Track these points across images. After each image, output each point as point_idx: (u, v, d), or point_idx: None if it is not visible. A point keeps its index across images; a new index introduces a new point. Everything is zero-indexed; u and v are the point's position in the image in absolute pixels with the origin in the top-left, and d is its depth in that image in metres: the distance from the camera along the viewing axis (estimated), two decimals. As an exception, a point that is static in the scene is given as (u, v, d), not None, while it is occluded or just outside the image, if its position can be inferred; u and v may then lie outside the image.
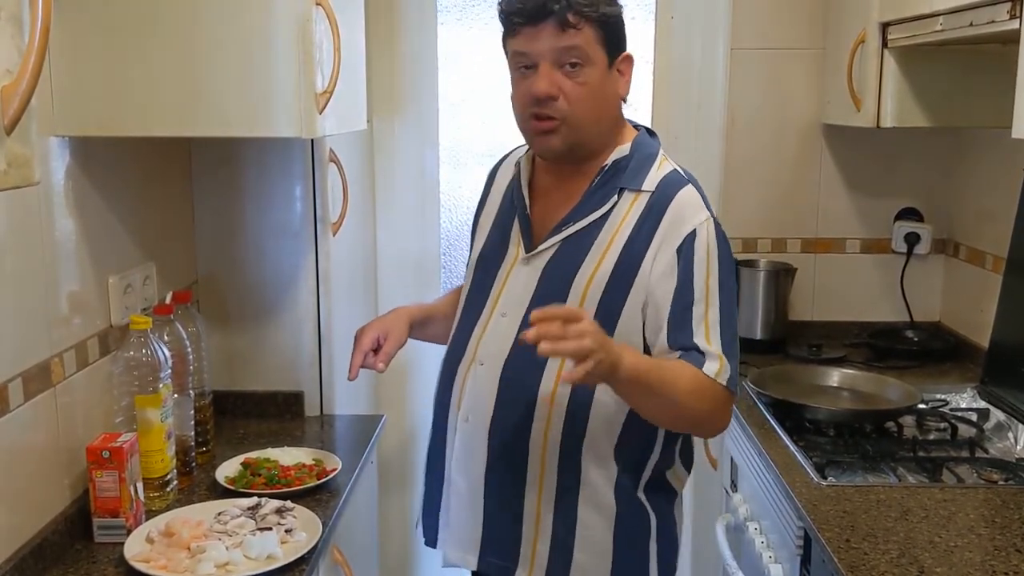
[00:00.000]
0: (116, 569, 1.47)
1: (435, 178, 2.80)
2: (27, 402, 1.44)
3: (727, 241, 1.53)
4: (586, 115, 1.51)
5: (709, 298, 1.47)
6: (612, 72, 1.52)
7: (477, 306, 1.63)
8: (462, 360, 1.61)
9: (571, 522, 1.55)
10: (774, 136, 2.74)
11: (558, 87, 1.48)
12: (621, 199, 1.54)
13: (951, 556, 1.49)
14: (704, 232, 1.49)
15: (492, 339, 1.58)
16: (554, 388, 1.52)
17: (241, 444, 2.00)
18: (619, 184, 1.54)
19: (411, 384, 2.84)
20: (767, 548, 1.93)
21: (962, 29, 1.83)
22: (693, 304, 1.46)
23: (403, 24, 2.69)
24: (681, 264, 1.47)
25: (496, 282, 1.61)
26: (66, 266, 1.59)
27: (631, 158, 1.56)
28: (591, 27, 1.47)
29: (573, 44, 1.47)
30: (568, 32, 1.47)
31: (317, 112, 1.60)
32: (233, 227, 2.14)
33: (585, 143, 1.55)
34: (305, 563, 1.49)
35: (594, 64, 1.49)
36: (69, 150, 1.60)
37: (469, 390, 1.58)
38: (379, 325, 1.71)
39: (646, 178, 1.54)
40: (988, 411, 2.19)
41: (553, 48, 1.48)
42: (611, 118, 1.56)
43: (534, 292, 1.55)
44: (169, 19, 1.54)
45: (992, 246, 2.48)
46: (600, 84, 1.50)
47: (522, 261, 1.58)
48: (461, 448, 1.60)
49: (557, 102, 1.49)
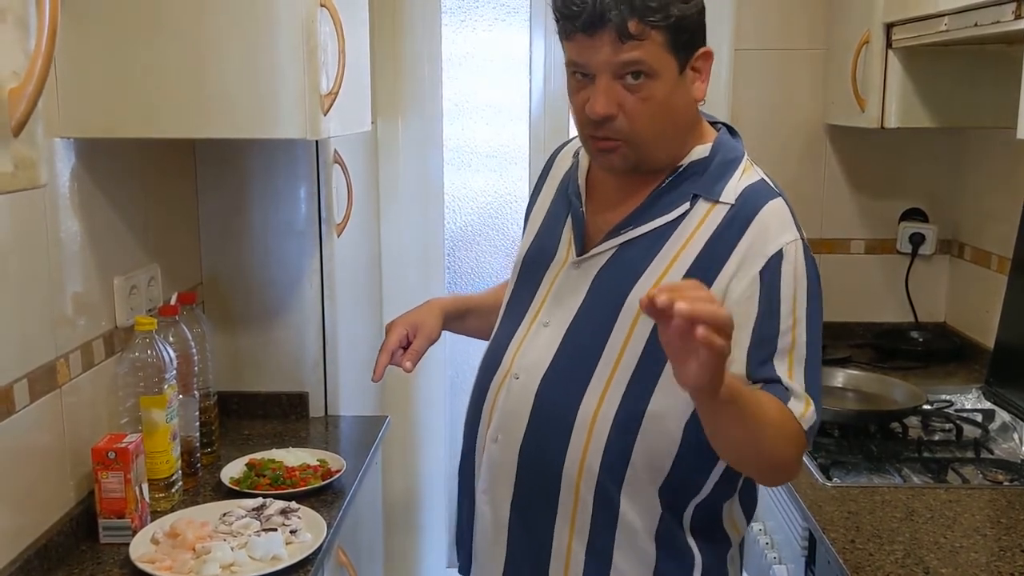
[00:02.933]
0: (121, 570, 1.47)
1: (439, 179, 2.80)
2: (33, 403, 1.45)
3: (816, 266, 1.32)
4: (651, 132, 1.31)
5: (796, 329, 1.27)
6: (685, 76, 1.30)
7: (518, 312, 1.46)
8: (497, 371, 1.43)
9: (605, 566, 1.35)
10: (778, 137, 2.74)
11: (617, 104, 1.28)
12: (694, 207, 1.33)
13: (956, 557, 1.48)
14: (793, 254, 1.28)
15: (531, 350, 1.39)
16: (595, 411, 1.32)
17: (246, 445, 2.00)
18: (693, 190, 1.34)
19: (416, 385, 2.84)
20: (772, 549, 1.93)
21: (967, 29, 1.83)
22: (778, 336, 1.26)
23: (407, 25, 2.69)
24: (764, 290, 1.27)
25: (541, 287, 1.43)
26: (71, 267, 1.59)
27: (710, 161, 1.36)
28: (659, 34, 1.25)
29: (634, 58, 1.25)
30: (629, 44, 1.25)
31: (322, 113, 1.60)
32: (238, 228, 2.14)
33: (651, 160, 1.35)
34: (310, 564, 1.49)
35: (660, 75, 1.27)
36: (75, 152, 1.60)
37: (501, 406, 1.40)
38: (409, 319, 1.59)
39: (726, 187, 1.34)
40: (993, 412, 2.19)
41: (611, 61, 1.26)
42: (683, 129, 1.35)
43: (583, 302, 1.37)
44: (174, 21, 1.54)
45: (997, 246, 2.48)
46: (668, 96, 1.29)
47: (572, 265, 1.39)
48: (488, 469, 1.42)
49: (616, 122, 1.29)
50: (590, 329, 1.35)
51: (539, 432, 1.36)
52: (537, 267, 1.45)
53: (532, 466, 1.37)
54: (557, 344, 1.37)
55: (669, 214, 1.34)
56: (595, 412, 1.32)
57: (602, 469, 1.32)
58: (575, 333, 1.36)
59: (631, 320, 1.31)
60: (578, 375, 1.34)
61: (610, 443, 1.31)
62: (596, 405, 1.32)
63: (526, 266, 1.49)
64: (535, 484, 1.37)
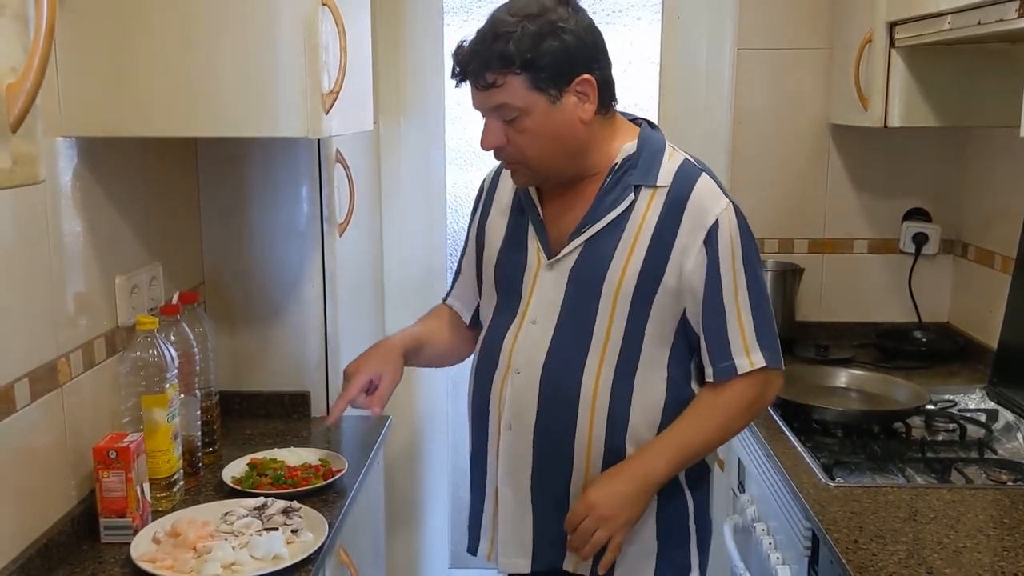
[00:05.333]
0: (122, 569, 1.47)
1: (441, 179, 2.81)
2: (34, 402, 1.45)
3: (746, 221, 1.56)
4: (537, 157, 1.52)
5: (736, 278, 1.52)
6: (562, 104, 1.48)
7: (506, 314, 1.64)
8: (496, 369, 1.62)
9: None
10: (781, 136, 2.73)
11: (503, 136, 1.50)
12: (639, 196, 1.54)
13: (960, 557, 1.48)
14: (726, 220, 1.52)
15: (525, 347, 1.59)
16: (594, 387, 1.55)
17: (247, 444, 2.00)
18: (632, 181, 1.55)
19: (417, 386, 2.84)
20: (775, 549, 1.92)
21: (970, 28, 1.82)
22: (722, 289, 1.52)
23: (409, 25, 2.70)
24: (709, 255, 1.51)
25: (523, 291, 1.61)
26: (73, 267, 1.59)
27: (639, 155, 1.56)
28: (516, 77, 1.45)
29: (499, 103, 1.47)
30: (490, 92, 1.47)
31: (323, 112, 1.60)
32: (240, 227, 2.14)
33: (553, 175, 1.57)
34: (311, 563, 1.49)
35: (530, 112, 1.47)
36: (76, 151, 1.60)
37: (509, 399, 1.60)
38: (372, 366, 1.67)
39: (659, 172, 1.55)
40: (997, 412, 2.18)
41: (483, 106, 1.50)
42: (575, 146, 1.53)
43: (564, 297, 1.57)
44: (175, 20, 1.54)
45: (1001, 246, 2.47)
46: (544, 125, 1.49)
47: (546, 267, 1.59)
48: (506, 455, 1.62)
49: (507, 150, 1.52)
50: (576, 320, 1.56)
51: (548, 415, 1.57)
52: (514, 275, 1.63)
53: (546, 445, 1.58)
54: (549, 338, 1.57)
55: (619, 207, 1.54)
56: (594, 388, 1.55)
57: (607, 429, 1.55)
58: (563, 325, 1.57)
59: (610, 304, 1.54)
60: (574, 361, 1.56)
61: (612, 410, 1.55)
62: (594, 382, 1.55)
63: (503, 276, 1.65)
64: (551, 459, 1.58)
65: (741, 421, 1.59)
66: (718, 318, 1.53)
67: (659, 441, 1.55)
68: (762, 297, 1.56)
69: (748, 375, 1.54)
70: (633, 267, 1.52)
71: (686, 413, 1.57)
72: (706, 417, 1.56)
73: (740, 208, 1.56)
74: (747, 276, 1.53)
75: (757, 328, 1.54)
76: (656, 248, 1.52)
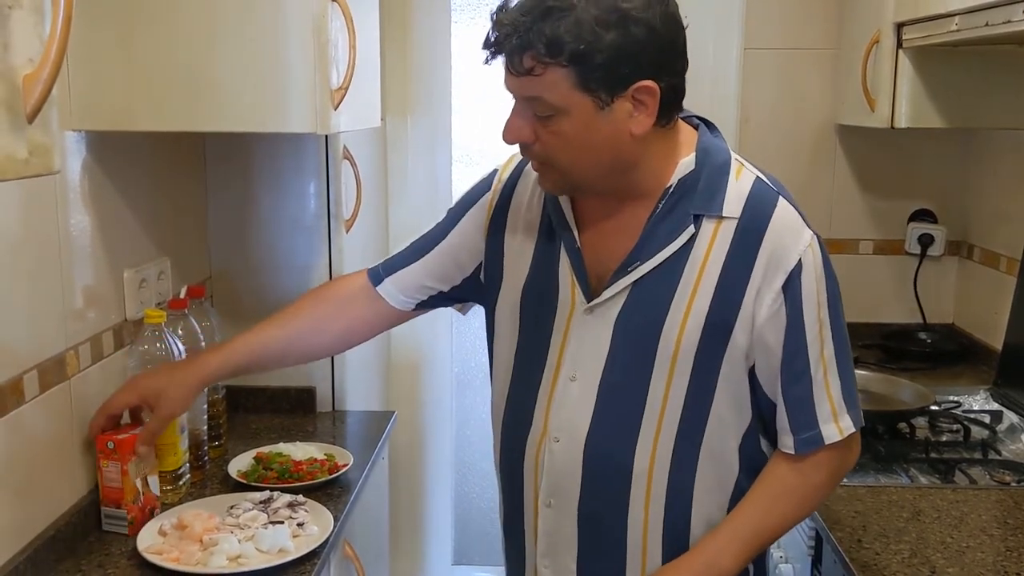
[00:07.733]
0: (128, 561, 1.48)
1: (448, 176, 2.81)
2: (42, 394, 1.45)
3: (828, 258, 1.29)
4: (569, 165, 1.22)
5: (823, 337, 1.26)
6: (612, 111, 1.18)
7: (534, 365, 1.34)
8: (530, 434, 1.34)
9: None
10: (788, 137, 2.73)
11: (532, 133, 1.21)
12: (700, 229, 1.25)
13: (963, 557, 1.48)
14: (810, 260, 1.24)
15: (563, 409, 1.30)
16: (651, 461, 1.27)
17: (253, 439, 2.00)
18: (692, 210, 1.25)
19: (423, 381, 2.84)
20: (778, 548, 1.92)
21: (978, 29, 1.82)
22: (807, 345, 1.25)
23: (417, 22, 2.70)
24: (789, 304, 1.24)
25: (553, 336, 1.32)
26: (82, 260, 1.60)
27: (700, 173, 1.26)
28: (561, 70, 1.14)
29: (532, 95, 1.18)
30: (525, 79, 1.16)
31: (332, 108, 1.60)
32: (247, 222, 2.15)
33: (588, 188, 1.28)
34: (316, 557, 1.49)
35: (569, 113, 1.17)
36: (86, 145, 1.61)
37: (547, 471, 1.32)
38: (152, 384, 1.49)
39: (725, 198, 1.25)
40: (1001, 413, 2.18)
41: (515, 91, 1.20)
42: (620, 163, 1.23)
43: (609, 349, 1.28)
44: (185, 15, 1.54)
45: (1007, 248, 2.47)
46: (584, 132, 1.19)
47: (584, 311, 1.29)
48: (546, 536, 1.35)
49: (534, 148, 1.23)
50: (627, 379, 1.28)
51: (595, 492, 1.30)
52: (542, 312, 1.34)
53: (593, 526, 1.32)
54: (593, 399, 1.29)
55: (676, 241, 1.25)
56: (651, 462, 1.27)
57: (666, 513, 1.29)
58: (611, 385, 1.28)
59: (669, 361, 1.25)
60: (625, 429, 1.28)
61: (671, 486, 1.28)
62: (651, 455, 1.27)
63: (527, 311, 1.36)
64: (599, 546, 1.32)
65: (823, 494, 1.33)
66: (801, 380, 1.25)
67: (728, 527, 1.28)
68: (848, 350, 1.30)
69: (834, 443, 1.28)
70: (695, 321, 1.24)
71: (759, 491, 1.29)
72: (783, 499, 1.29)
73: (821, 239, 1.29)
74: (833, 328, 1.27)
75: (844, 389, 1.28)
76: (724, 293, 1.23)
